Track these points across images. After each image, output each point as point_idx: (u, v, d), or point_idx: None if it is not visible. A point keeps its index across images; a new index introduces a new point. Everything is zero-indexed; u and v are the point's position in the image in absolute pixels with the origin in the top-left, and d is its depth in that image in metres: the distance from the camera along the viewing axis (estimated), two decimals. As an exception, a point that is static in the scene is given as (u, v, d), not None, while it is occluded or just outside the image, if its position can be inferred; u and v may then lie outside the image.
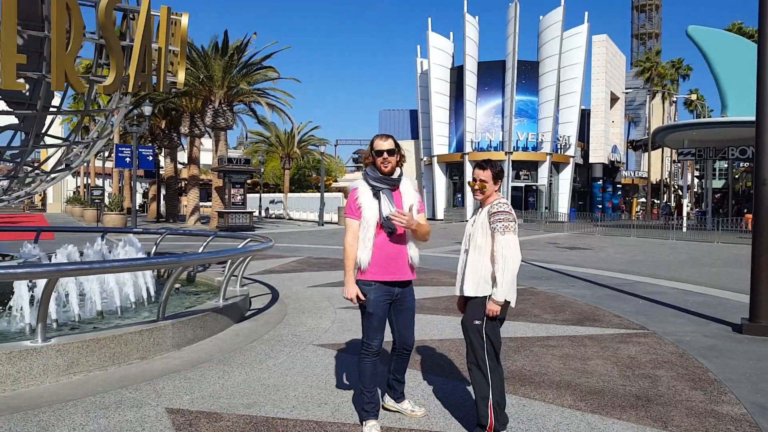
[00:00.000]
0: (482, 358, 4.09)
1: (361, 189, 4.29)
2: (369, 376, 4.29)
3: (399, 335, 4.46)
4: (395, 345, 4.51)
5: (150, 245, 11.54)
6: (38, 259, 8.76)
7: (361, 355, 4.31)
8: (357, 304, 4.25)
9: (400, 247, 4.29)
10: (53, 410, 4.54)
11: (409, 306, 4.45)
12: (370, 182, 4.28)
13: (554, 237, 29.16)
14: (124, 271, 7.85)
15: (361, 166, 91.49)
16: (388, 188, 4.28)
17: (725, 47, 34.51)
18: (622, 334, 7.59)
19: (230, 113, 33.16)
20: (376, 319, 4.26)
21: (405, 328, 4.46)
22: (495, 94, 51.28)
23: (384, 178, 4.29)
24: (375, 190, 4.25)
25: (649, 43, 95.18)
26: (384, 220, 4.19)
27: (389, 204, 4.21)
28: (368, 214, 4.20)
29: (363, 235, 4.21)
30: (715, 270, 15.59)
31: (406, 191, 4.36)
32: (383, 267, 4.23)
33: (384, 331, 4.32)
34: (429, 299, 9.71)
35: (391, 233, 4.22)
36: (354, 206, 4.26)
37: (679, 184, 66.86)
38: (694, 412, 4.76)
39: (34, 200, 70.54)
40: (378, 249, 4.22)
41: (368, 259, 4.19)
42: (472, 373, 4.17)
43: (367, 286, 4.24)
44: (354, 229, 4.25)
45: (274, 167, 70.87)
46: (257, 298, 9.57)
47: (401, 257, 4.30)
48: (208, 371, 5.67)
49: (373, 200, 4.23)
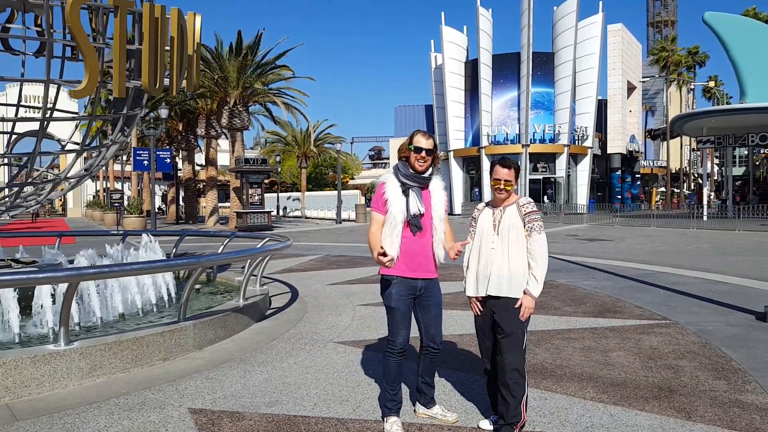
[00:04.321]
0: (523, 359, 4.07)
1: (390, 184, 4.24)
2: (393, 374, 4.26)
3: (426, 332, 4.35)
4: (422, 344, 4.39)
5: (170, 247, 11.64)
6: (59, 264, 8.85)
7: (386, 353, 4.28)
8: (386, 260, 4.01)
9: (426, 244, 4.25)
10: (77, 413, 4.59)
11: (435, 301, 4.35)
12: (400, 178, 4.23)
13: (574, 229, 28.99)
14: (144, 273, 7.90)
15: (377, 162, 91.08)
16: (418, 186, 4.24)
17: (742, 32, 34.10)
18: (643, 325, 7.53)
19: (246, 114, 33.29)
20: (399, 314, 4.20)
21: (432, 323, 4.34)
22: (510, 87, 51.03)
23: (415, 176, 4.23)
24: (404, 187, 4.21)
25: (665, 30, 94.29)
26: (411, 218, 4.16)
27: (418, 202, 4.17)
28: (395, 210, 4.15)
29: (390, 231, 4.16)
30: (738, 258, 15.43)
31: (435, 190, 4.31)
32: (407, 263, 4.20)
33: (409, 328, 4.25)
34: (449, 294, 9.66)
35: (417, 231, 4.19)
36: (380, 201, 4.22)
37: (699, 172, 66.21)
38: (718, 402, 4.72)
39: (55, 205, 71.30)
40: (404, 245, 4.18)
41: (395, 255, 4.13)
42: (511, 377, 4.02)
43: (390, 280, 4.22)
44: (378, 221, 4.23)
45: (291, 166, 71.07)
46: (277, 297, 9.61)
47: (426, 254, 4.26)
48: (229, 371, 5.70)
49: (402, 197, 4.18)
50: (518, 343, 4.06)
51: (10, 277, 5.66)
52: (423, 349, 4.41)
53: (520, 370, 4.03)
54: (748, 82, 33.33)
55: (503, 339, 4.08)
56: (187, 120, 40.37)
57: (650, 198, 64.47)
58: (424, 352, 4.40)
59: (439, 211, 4.29)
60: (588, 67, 49.61)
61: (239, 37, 32.07)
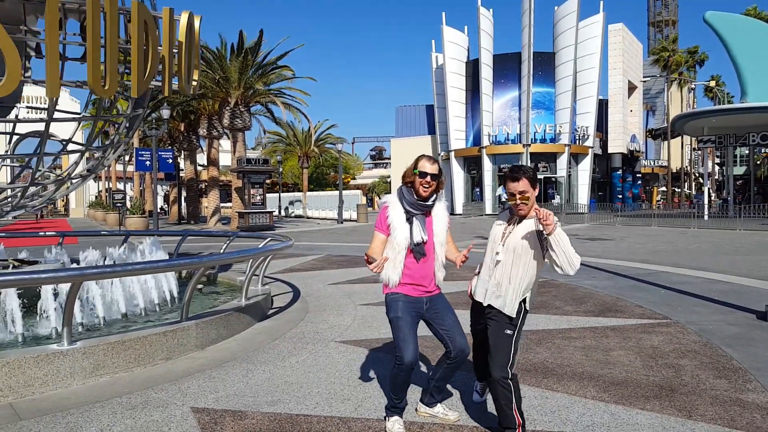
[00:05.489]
0: (508, 373, 3.89)
1: (394, 208, 4.22)
2: (400, 385, 4.22)
3: (452, 343, 4.21)
4: (450, 355, 4.24)
5: (172, 247, 11.66)
6: (62, 264, 8.88)
7: (394, 368, 4.20)
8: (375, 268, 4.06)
9: (428, 269, 4.27)
10: (81, 412, 4.61)
11: (445, 307, 4.32)
12: (404, 205, 4.20)
13: (575, 229, 28.99)
14: (146, 273, 7.92)
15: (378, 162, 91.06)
16: (421, 214, 4.22)
17: (744, 32, 34.08)
18: (644, 324, 7.54)
19: (247, 114, 33.30)
20: (406, 325, 4.13)
21: (454, 330, 4.23)
22: (511, 87, 51.04)
23: (419, 204, 4.19)
24: (408, 215, 4.19)
25: (666, 30, 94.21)
26: (414, 246, 4.16)
27: (421, 231, 4.16)
28: (399, 237, 4.14)
29: (393, 256, 4.16)
30: (739, 258, 15.43)
31: (437, 215, 4.29)
32: (411, 287, 4.22)
33: (416, 342, 4.14)
34: (448, 294, 9.68)
35: (421, 257, 4.20)
36: (384, 223, 4.22)
37: (700, 171, 66.18)
38: (718, 401, 4.73)
39: (57, 205, 71.35)
40: (408, 271, 4.20)
41: (397, 280, 4.17)
42: (499, 384, 3.88)
43: (394, 295, 4.22)
44: (380, 240, 4.23)
45: (293, 166, 71.14)
46: (279, 297, 9.64)
47: (428, 278, 4.27)
48: (231, 370, 5.73)
49: (405, 224, 4.17)
50: (504, 356, 3.92)
51: (13, 278, 5.69)
52: (449, 360, 4.27)
53: (504, 384, 3.86)
54: (749, 82, 33.32)
55: (490, 350, 4.01)
56: (189, 120, 40.38)
57: (651, 197, 64.45)
58: (449, 362, 4.28)
59: (440, 235, 4.28)
60: (589, 66, 49.63)
61: (241, 37, 32.07)
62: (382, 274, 4.18)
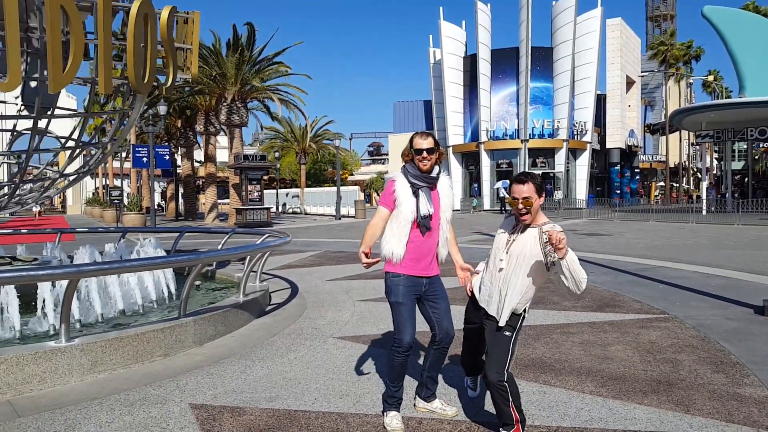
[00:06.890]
0: (503, 376, 3.84)
1: (400, 182, 4.25)
2: (397, 372, 4.25)
3: (439, 326, 4.34)
4: (435, 338, 4.37)
5: (170, 244, 11.65)
6: (59, 261, 8.87)
7: (392, 351, 4.25)
8: (365, 261, 4.08)
9: (432, 245, 4.29)
10: (79, 409, 4.61)
11: (441, 294, 4.40)
12: (409, 179, 4.24)
13: (573, 224, 29.00)
14: (144, 270, 7.94)
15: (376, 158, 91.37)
16: (427, 187, 4.25)
17: (742, 26, 34.08)
18: (642, 319, 7.55)
19: (244, 110, 33.28)
20: (406, 310, 4.20)
21: (444, 316, 4.35)
22: (509, 82, 51.06)
23: (423, 176, 4.24)
24: (414, 188, 4.22)
25: (664, 24, 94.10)
26: (420, 219, 4.18)
27: (427, 203, 4.19)
28: (406, 210, 4.17)
29: (399, 231, 4.19)
30: (737, 252, 15.45)
31: (442, 190, 4.33)
32: (414, 262, 4.23)
33: (414, 325, 4.22)
34: (448, 290, 9.70)
35: (426, 231, 4.22)
36: (389, 197, 4.24)
37: (698, 166, 66.23)
38: (716, 396, 4.74)
39: (54, 202, 71.27)
40: (412, 246, 4.21)
41: (402, 254, 4.19)
42: (495, 386, 3.84)
43: (395, 277, 4.24)
44: (382, 216, 4.25)
45: (290, 162, 71.10)
46: (277, 293, 9.63)
47: (431, 254, 4.30)
48: (230, 366, 5.73)
49: (412, 197, 4.20)
50: (501, 358, 3.90)
51: (11, 275, 5.68)
52: (436, 344, 4.38)
53: (500, 387, 3.83)
54: (747, 76, 33.31)
55: (488, 350, 4.04)
56: (186, 117, 40.36)
57: (649, 193, 64.50)
58: (435, 346, 4.39)
59: (447, 212, 4.33)
60: (587, 61, 49.61)
61: (235, 31, 32.04)
62: (385, 249, 4.22)
